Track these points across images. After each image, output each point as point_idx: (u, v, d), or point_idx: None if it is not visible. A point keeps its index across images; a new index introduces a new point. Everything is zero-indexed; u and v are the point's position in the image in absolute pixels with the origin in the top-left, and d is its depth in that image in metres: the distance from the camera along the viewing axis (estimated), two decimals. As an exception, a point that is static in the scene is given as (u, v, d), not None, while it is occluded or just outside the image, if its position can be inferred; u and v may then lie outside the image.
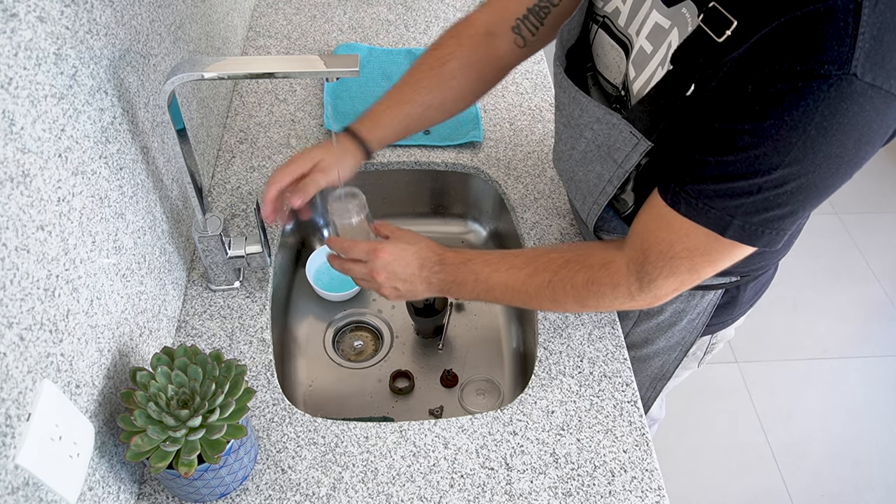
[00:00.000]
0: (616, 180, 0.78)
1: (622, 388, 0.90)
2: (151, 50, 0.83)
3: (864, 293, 2.30)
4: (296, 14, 1.49)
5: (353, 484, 0.79)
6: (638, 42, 0.70)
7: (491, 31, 0.90)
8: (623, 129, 0.73)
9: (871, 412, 2.00)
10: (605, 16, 0.77)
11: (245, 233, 1.05)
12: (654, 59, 0.68)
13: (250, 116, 1.24)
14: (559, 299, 0.79)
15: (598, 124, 0.76)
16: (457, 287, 0.84)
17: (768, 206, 0.62)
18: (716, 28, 0.61)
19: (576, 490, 0.80)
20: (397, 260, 0.83)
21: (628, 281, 0.73)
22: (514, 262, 0.81)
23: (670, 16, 0.66)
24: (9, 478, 0.51)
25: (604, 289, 0.75)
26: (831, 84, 0.53)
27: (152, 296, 0.83)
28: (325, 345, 1.10)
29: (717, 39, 0.60)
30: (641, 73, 0.71)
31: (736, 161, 0.60)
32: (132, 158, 0.77)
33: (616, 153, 0.75)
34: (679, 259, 0.68)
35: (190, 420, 0.65)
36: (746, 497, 1.81)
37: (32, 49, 0.55)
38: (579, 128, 0.80)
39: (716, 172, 0.62)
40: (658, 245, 0.69)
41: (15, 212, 0.52)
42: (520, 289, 0.80)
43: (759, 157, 0.59)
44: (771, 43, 0.56)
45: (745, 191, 0.61)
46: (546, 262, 0.79)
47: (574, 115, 0.80)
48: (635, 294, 0.74)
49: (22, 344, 0.53)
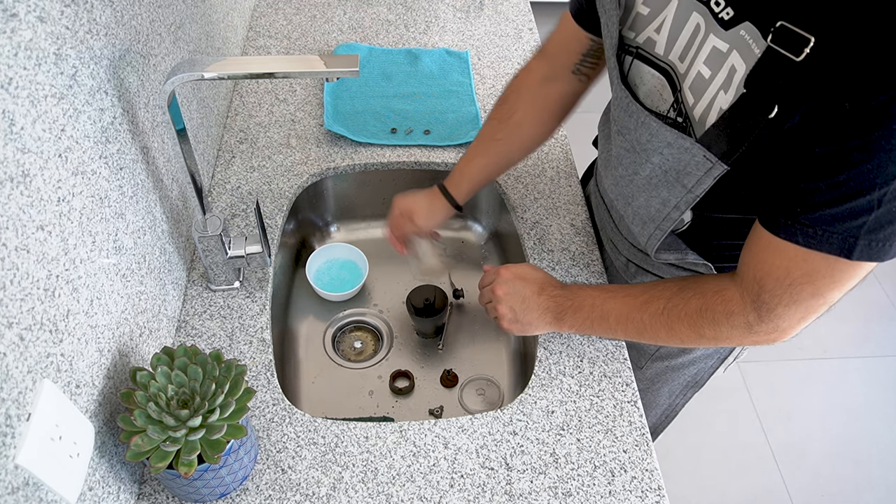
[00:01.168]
0: (683, 205, 0.76)
1: (622, 388, 0.90)
2: (151, 50, 0.83)
3: (864, 293, 2.30)
4: (296, 14, 1.49)
5: (353, 484, 0.79)
6: (692, 68, 0.69)
7: (548, 77, 0.96)
8: (696, 153, 0.70)
9: (872, 412, 2.00)
10: (637, 47, 0.77)
11: (245, 233, 1.05)
12: (714, 83, 0.67)
13: (250, 116, 1.24)
14: (674, 327, 0.77)
15: (669, 149, 0.74)
16: (572, 313, 0.85)
17: (892, 218, 0.59)
18: (791, 48, 0.58)
19: (576, 490, 0.80)
20: (518, 279, 0.91)
21: (745, 310, 0.71)
22: (630, 291, 0.82)
23: (729, 39, 0.65)
24: (9, 478, 0.51)
25: (718, 316, 0.73)
26: None
27: (152, 296, 0.83)
28: (325, 345, 1.10)
29: (796, 59, 0.58)
30: (701, 98, 0.69)
31: (849, 179, 0.58)
32: (132, 158, 0.77)
33: (686, 178, 0.74)
34: (799, 285, 0.65)
35: (190, 420, 0.65)
36: (746, 497, 1.81)
37: (32, 49, 0.55)
38: (646, 153, 0.78)
39: (829, 196, 0.60)
40: (773, 273, 0.67)
41: (15, 212, 0.52)
42: (635, 316, 0.80)
43: (872, 170, 0.57)
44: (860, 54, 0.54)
45: (866, 208, 0.59)
46: (661, 289, 0.79)
47: (642, 140, 0.79)
48: (754, 324, 0.71)
49: (22, 344, 0.53)
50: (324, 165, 1.17)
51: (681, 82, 0.72)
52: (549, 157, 1.21)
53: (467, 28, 1.49)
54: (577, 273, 1.03)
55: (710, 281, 0.76)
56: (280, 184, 1.13)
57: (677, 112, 0.74)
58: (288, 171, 1.15)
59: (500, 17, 1.53)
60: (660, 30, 0.73)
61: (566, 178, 1.17)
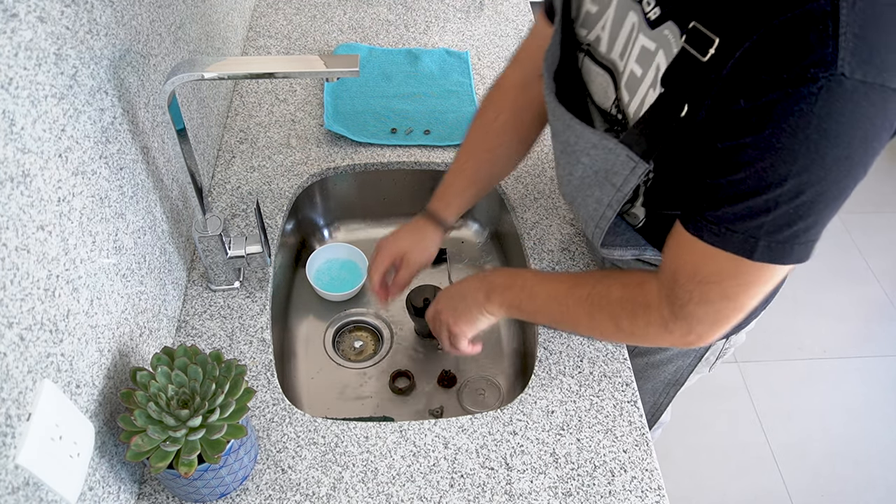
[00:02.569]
0: (616, 204, 0.78)
1: (622, 388, 0.90)
2: (151, 50, 0.83)
3: (864, 293, 2.30)
4: (296, 14, 1.49)
5: (353, 484, 0.79)
6: (628, 66, 0.71)
7: (524, 84, 0.97)
8: (619, 153, 0.72)
9: (872, 412, 2.00)
10: (588, 44, 0.78)
11: (245, 233, 1.05)
12: (645, 82, 0.69)
13: (250, 116, 1.24)
14: (595, 315, 0.78)
15: (595, 150, 0.76)
16: (501, 290, 0.85)
17: (790, 221, 0.61)
18: (699, 48, 0.60)
19: (576, 490, 0.80)
20: (452, 294, 0.91)
21: (660, 305, 0.72)
22: (562, 277, 0.84)
23: (655, 38, 0.66)
24: (9, 478, 0.51)
25: (637, 308, 0.74)
26: (821, 86, 0.53)
27: (152, 296, 0.83)
28: (325, 345, 1.10)
29: (702, 59, 0.60)
30: (634, 96, 0.71)
31: (746, 178, 0.60)
32: (132, 158, 0.77)
33: (614, 177, 0.75)
34: (708, 283, 0.67)
35: (190, 420, 0.65)
36: (746, 497, 1.81)
37: (33, 49, 0.55)
38: (575, 154, 0.80)
39: (729, 193, 0.61)
40: (684, 268, 0.68)
41: (15, 212, 0.52)
42: (560, 299, 0.80)
43: (766, 169, 0.58)
44: (755, 55, 0.56)
45: (763, 208, 0.60)
46: (588, 277, 0.80)
47: (570, 142, 0.81)
48: (668, 321, 0.72)
49: (22, 344, 0.53)
50: (324, 165, 1.17)
51: (619, 80, 0.73)
52: (549, 157, 1.21)
53: (467, 28, 1.49)
54: (577, 273, 1.03)
55: (635, 273, 0.77)
56: (280, 184, 1.13)
57: (618, 109, 0.76)
58: (288, 171, 1.15)
59: (500, 17, 1.53)
60: (604, 28, 0.74)
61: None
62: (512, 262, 1.17)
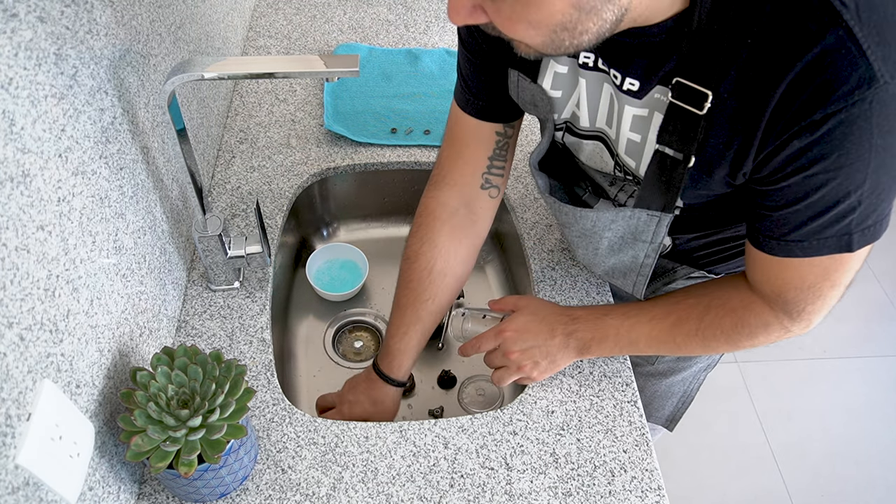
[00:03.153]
0: (653, 253, 0.80)
1: (622, 388, 0.90)
2: (151, 50, 0.83)
3: (864, 293, 2.30)
4: (296, 14, 1.49)
5: (353, 484, 0.79)
6: (622, 135, 0.71)
7: (455, 208, 0.88)
8: (640, 216, 0.75)
9: (872, 412, 2.00)
10: (565, 121, 0.79)
11: (245, 233, 1.05)
12: (649, 145, 0.70)
13: (250, 116, 1.24)
14: (710, 344, 0.79)
15: (615, 224, 0.78)
16: (597, 344, 0.84)
17: (875, 206, 0.62)
18: (693, 103, 0.62)
19: (576, 490, 0.80)
20: (524, 333, 0.84)
21: (779, 318, 0.74)
22: (655, 313, 0.81)
23: (645, 105, 0.67)
24: (9, 478, 0.51)
25: (755, 330, 0.76)
26: (871, 101, 0.54)
27: (152, 296, 0.83)
28: (325, 345, 1.10)
29: (700, 113, 0.62)
30: (641, 159, 0.72)
31: (825, 195, 0.61)
32: (132, 158, 0.77)
33: (642, 235, 0.78)
34: (817, 284, 0.68)
35: (190, 420, 0.65)
36: (746, 497, 1.81)
37: (33, 49, 0.55)
38: (596, 234, 0.82)
39: (812, 213, 0.62)
40: (790, 284, 0.69)
41: (15, 212, 0.52)
42: (666, 339, 0.80)
43: (842, 182, 0.59)
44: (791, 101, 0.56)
45: (849, 210, 0.61)
46: (687, 310, 0.79)
47: (587, 228, 0.82)
48: (789, 326, 0.74)
49: (22, 344, 0.53)
50: (324, 165, 1.17)
51: (615, 148, 0.75)
52: (549, 157, 1.21)
53: (467, 28, 1.49)
54: (576, 273, 1.03)
55: (733, 296, 0.77)
56: (280, 184, 1.13)
57: (623, 171, 0.77)
58: (288, 171, 1.15)
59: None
60: (579, 105, 0.75)
61: (566, 178, 1.17)
62: (512, 262, 1.17)
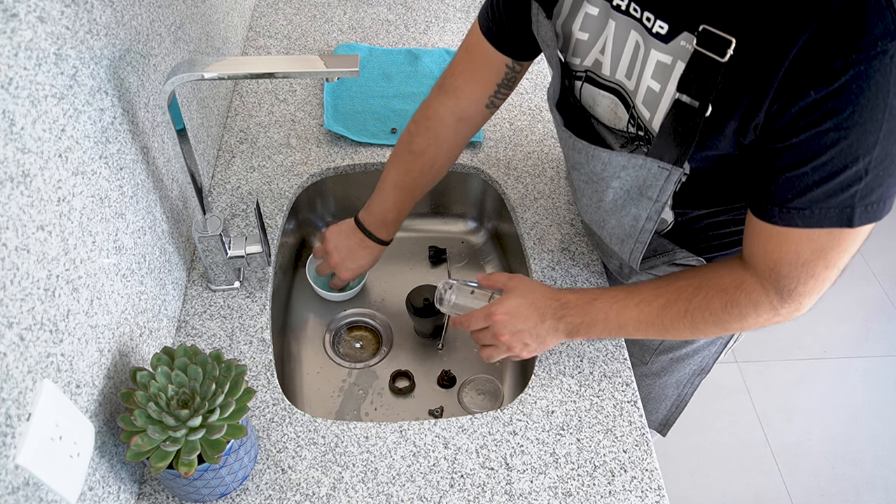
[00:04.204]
0: (655, 215, 0.78)
1: (622, 388, 0.90)
2: (151, 50, 0.83)
3: (864, 293, 2.30)
4: (296, 14, 1.49)
5: (353, 484, 0.79)
6: (643, 84, 0.71)
7: (460, 117, 0.95)
8: (651, 166, 0.73)
9: (871, 412, 2.00)
10: (586, 70, 0.78)
11: (245, 233, 1.05)
12: (666, 95, 0.69)
13: (250, 116, 1.24)
14: (698, 326, 0.78)
15: (625, 171, 0.76)
16: (586, 328, 0.83)
17: (881, 181, 0.61)
18: (715, 49, 0.61)
19: (576, 490, 0.80)
20: (514, 317, 0.83)
21: (769, 297, 0.72)
22: (643, 296, 0.80)
23: (670, 51, 0.66)
24: (9, 478, 0.51)
25: (745, 310, 0.74)
26: (892, 55, 0.54)
27: (152, 296, 0.83)
28: (325, 345, 1.10)
29: (721, 60, 0.61)
30: (656, 111, 0.71)
31: (833, 158, 0.60)
32: (132, 158, 0.77)
33: (649, 190, 0.76)
34: (811, 262, 0.68)
35: (190, 420, 0.65)
36: (746, 497, 1.81)
37: (33, 49, 0.55)
38: (604, 180, 0.80)
39: (817, 178, 0.62)
40: (785, 258, 0.68)
41: (15, 212, 0.52)
42: (654, 322, 0.79)
43: (852, 143, 0.59)
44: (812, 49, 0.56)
45: (855, 178, 0.61)
46: (677, 291, 0.78)
47: (596, 171, 0.80)
48: (779, 308, 0.73)
49: (22, 344, 0.53)
50: (324, 165, 1.17)
51: (633, 99, 0.74)
52: (549, 157, 1.21)
53: (467, 28, 1.49)
54: (577, 273, 1.03)
55: (725, 276, 0.76)
56: (280, 184, 1.13)
57: (636, 126, 0.76)
58: (288, 171, 1.15)
59: (500, 17, 1.53)
60: (604, 51, 0.74)
61: (566, 178, 1.17)
62: (512, 262, 1.17)
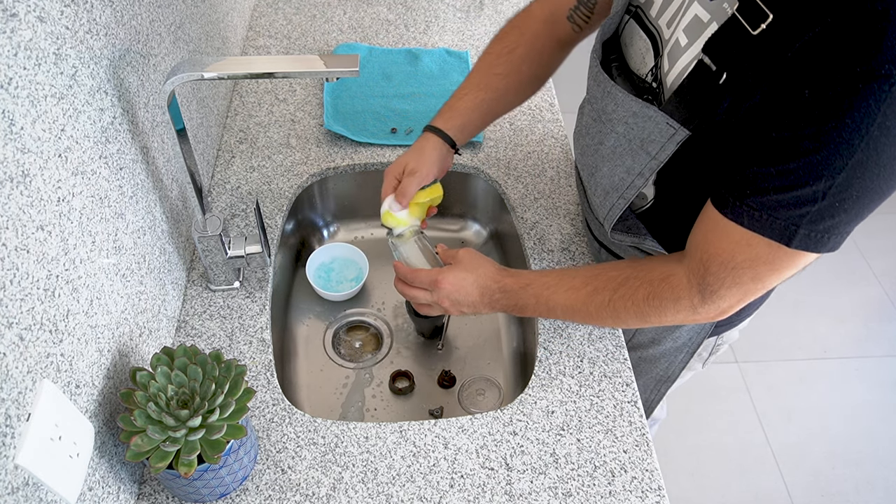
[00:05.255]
0: (647, 172, 0.77)
1: (622, 388, 0.90)
2: (151, 50, 0.83)
3: (864, 293, 2.30)
4: (296, 14, 1.49)
5: (353, 484, 0.79)
6: (674, 35, 0.70)
7: (550, 20, 0.94)
8: (660, 120, 0.72)
9: (871, 412, 2.00)
10: (638, 6, 0.77)
11: (245, 233, 1.05)
12: (689, 53, 0.68)
13: (250, 116, 1.24)
14: (620, 316, 0.79)
15: (634, 118, 0.75)
16: (519, 310, 0.86)
17: (833, 213, 0.60)
18: (751, 20, 0.60)
19: (576, 490, 0.80)
20: (458, 290, 0.87)
21: (690, 294, 0.72)
22: (573, 283, 0.82)
23: (711, 10, 0.65)
24: (9, 478, 0.51)
25: (665, 303, 0.74)
26: (893, 84, 0.53)
27: (152, 296, 0.83)
28: (325, 345, 1.10)
29: (752, 32, 0.60)
30: (675, 65, 0.70)
31: (799, 168, 0.59)
32: (132, 158, 0.77)
33: (650, 145, 0.75)
34: (741, 269, 0.67)
35: (190, 420, 0.65)
36: (746, 497, 1.81)
37: (32, 49, 0.55)
38: (611, 122, 0.79)
39: (778, 183, 0.61)
40: (719, 255, 0.68)
41: (15, 212, 0.52)
42: (580, 308, 0.81)
43: (821, 161, 0.58)
44: (825, 44, 0.55)
45: (810, 198, 0.60)
46: (605, 281, 0.79)
47: (607, 110, 0.80)
48: (698, 307, 0.73)
49: (22, 344, 0.53)
50: (324, 165, 1.17)
51: (663, 48, 0.73)
52: (549, 157, 1.21)
53: (467, 28, 1.49)
54: (577, 273, 1.03)
55: (656, 268, 0.77)
56: (280, 184, 1.13)
57: (654, 77, 0.75)
58: (288, 171, 1.15)
59: (500, 17, 1.53)
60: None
61: (566, 178, 1.17)
62: (512, 262, 1.17)
